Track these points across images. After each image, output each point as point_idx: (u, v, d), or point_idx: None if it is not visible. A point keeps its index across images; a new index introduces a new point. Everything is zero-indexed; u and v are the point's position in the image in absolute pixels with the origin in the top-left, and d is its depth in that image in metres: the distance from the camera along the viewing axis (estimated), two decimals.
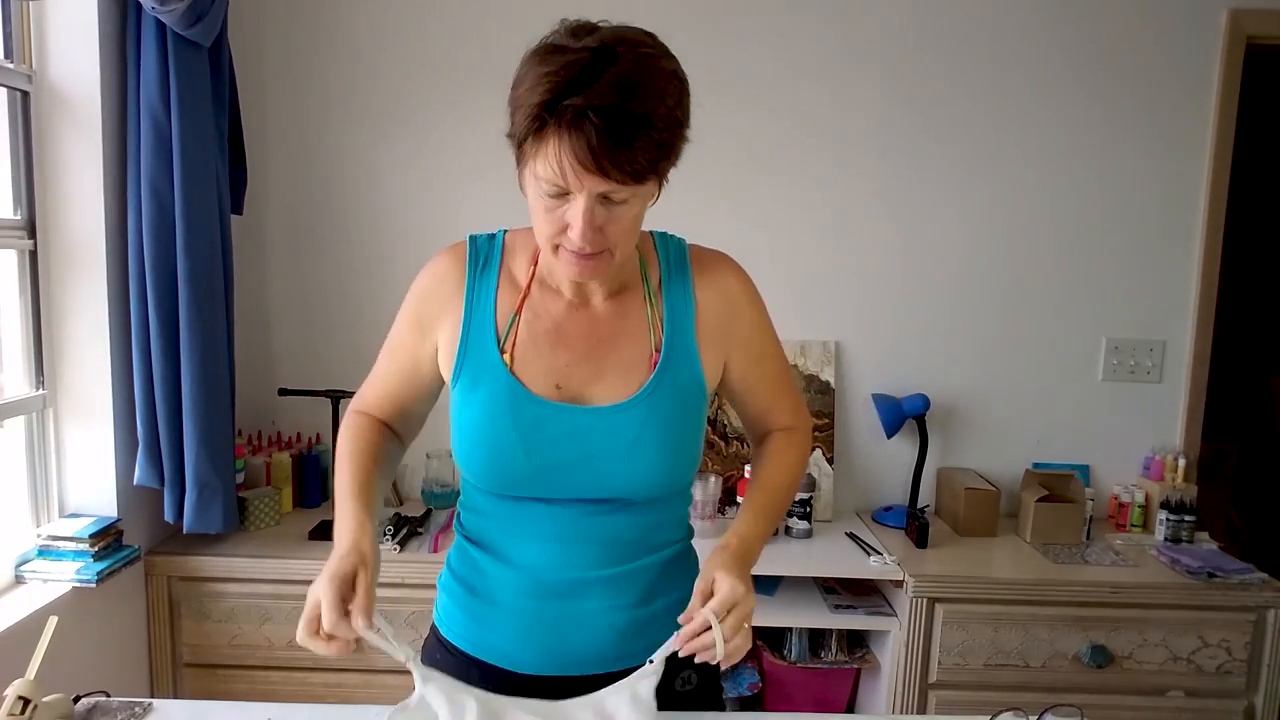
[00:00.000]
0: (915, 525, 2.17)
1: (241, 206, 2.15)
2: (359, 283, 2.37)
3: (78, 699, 1.03)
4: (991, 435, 2.45)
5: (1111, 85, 2.33)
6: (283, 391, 2.20)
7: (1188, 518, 2.23)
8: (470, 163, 2.30)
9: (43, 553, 1.79)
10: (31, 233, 1.81)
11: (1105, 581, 1.99)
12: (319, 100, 2.32)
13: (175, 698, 1.95)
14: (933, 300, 2.41)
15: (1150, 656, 1.99)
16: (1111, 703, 2.00)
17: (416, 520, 2.16)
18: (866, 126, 2.35)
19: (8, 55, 1.75)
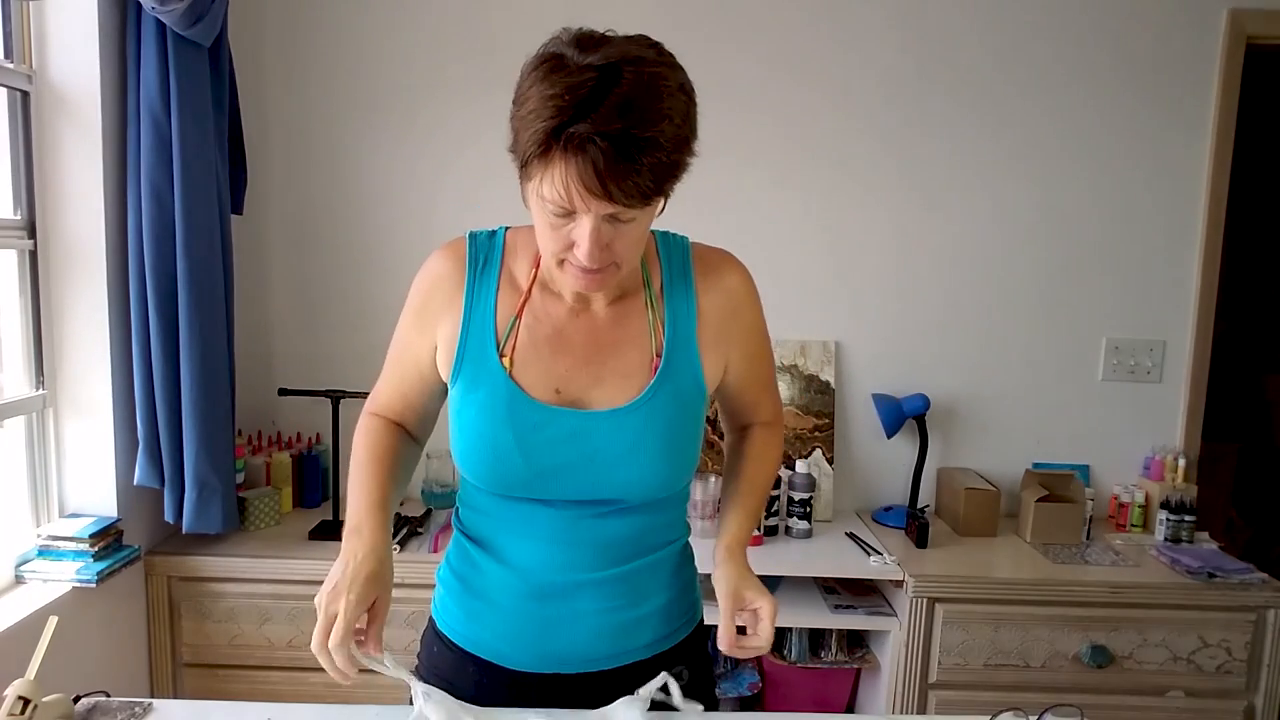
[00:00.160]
0: (915, 525, 2.17)
1: (241, 206, 2.15)
2: (359, 283, 2.37)
3: (78, 699, 1.03)
4: (991, 435, 2.45)
5: (1111, 85, 2.33)
6: (283, 391, 2.19)
7: (1188, 518, 2.23)
8: (471, 162, 2.30)
9: (43, 553, 1.79)
10: (31, 233, 1.81)
11: (1105, 581, 1.99)
12: (319, 100, 2.32)
13: (175, 698, 1.95)
14: (933, 300, 2.41)
15: (1150, 656, 1.99)
16: (1111, 703, 2.00)
17: (416, 520, 2.16)
18: (866, 127, 2.35)
19: (8, 55, 1.75)
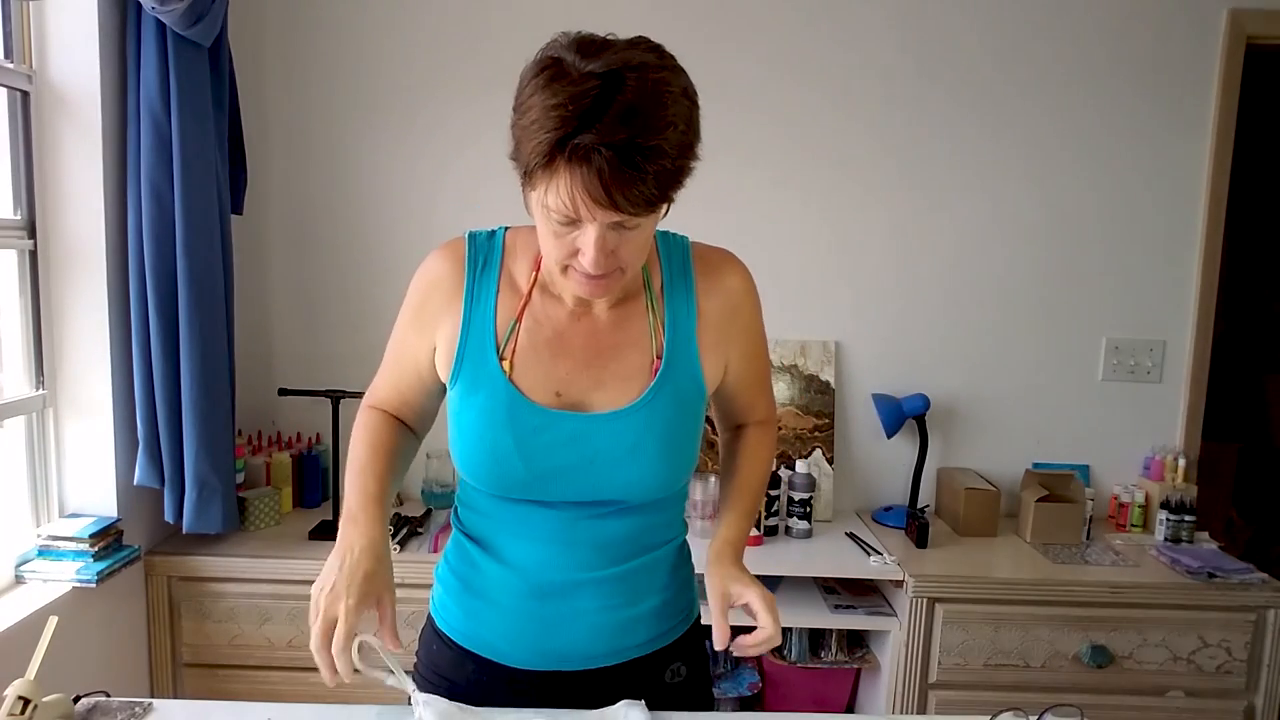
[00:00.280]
0: (915, 525, 2.17)
1: (241, 206, 2.15)
2: (359, 283, 2.37)
3: (78, 699, 1.03)
4: (991, 435, 2.45)
5: (1111, 85, 2.33)
6: (283, 391, 2.19)
7: (1188, 518, 2.23)
8: (472, 162, 2.30)
9: (43, 553, 1.79)
10: (31, 233, 1.81)
11: (1105, 581, 1.99)
12: (319, 100, 2.32)
13: (175, 698, 1.95)
14: (933, 300, 2.41)
15: (1150, 656, 1.99)
16: (1111, 703, 2.00)
17: (416, 520, 2.16)
18: (866, 127, 2.35)
19: (8, 55, 1.75)
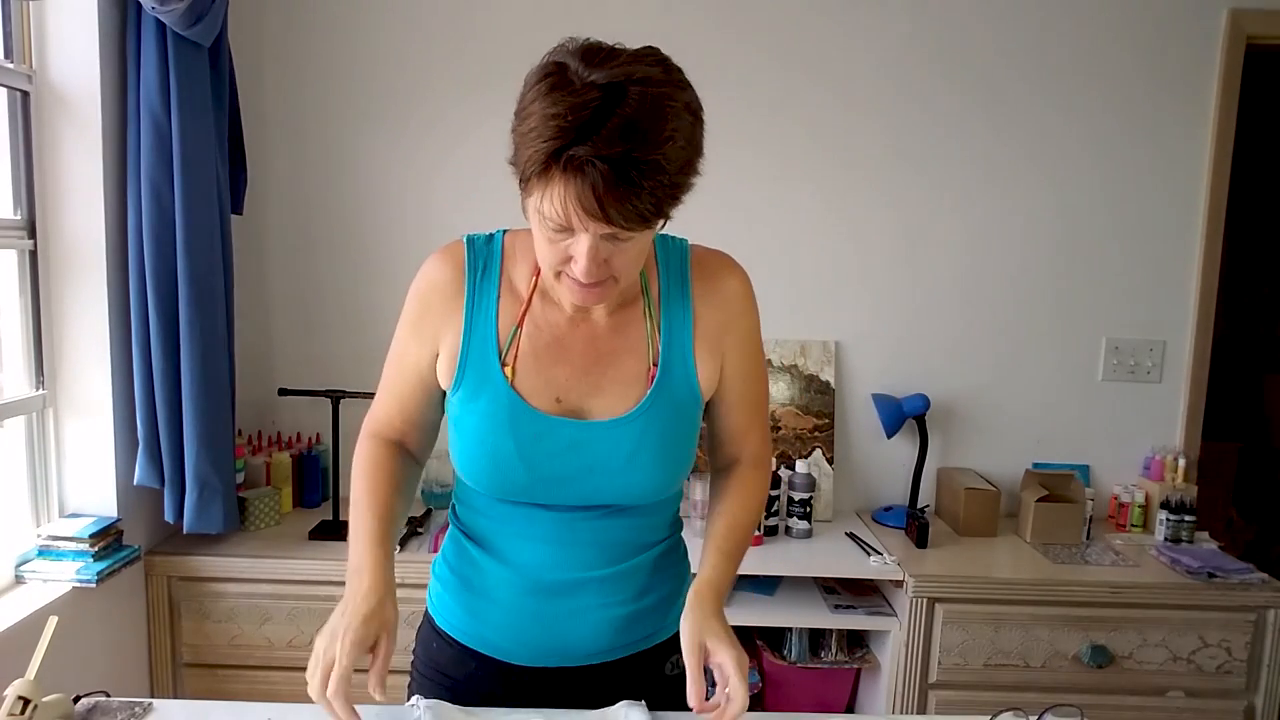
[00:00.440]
0: (915, 525, 2.17)
1: (241, 206, 2.15)
2: (359, 283, 2.37)
3: (78, 699, 1.03)
4: (991, 435, 2.45)
5: (1111, 85, 2.33)
6: (283, 391, 2.19)
7: (1188, 518, 2.23)
8: (471, 162, 2.30)
9: (43, 553, 1.79)
10: (31, 233, 1.81)
11: (1105, 581, 1.99)
12: (319, 100, 2.32)
13: (175, 698, 1.95)
14: (933, 300, 2.41)
15: (1150, 656, 1.99)
16: (1111, 703, 2.00)
17: (417, 520, 2.16)
18: (867, 127, 2.35)
19: (8, 55, 1.75)
